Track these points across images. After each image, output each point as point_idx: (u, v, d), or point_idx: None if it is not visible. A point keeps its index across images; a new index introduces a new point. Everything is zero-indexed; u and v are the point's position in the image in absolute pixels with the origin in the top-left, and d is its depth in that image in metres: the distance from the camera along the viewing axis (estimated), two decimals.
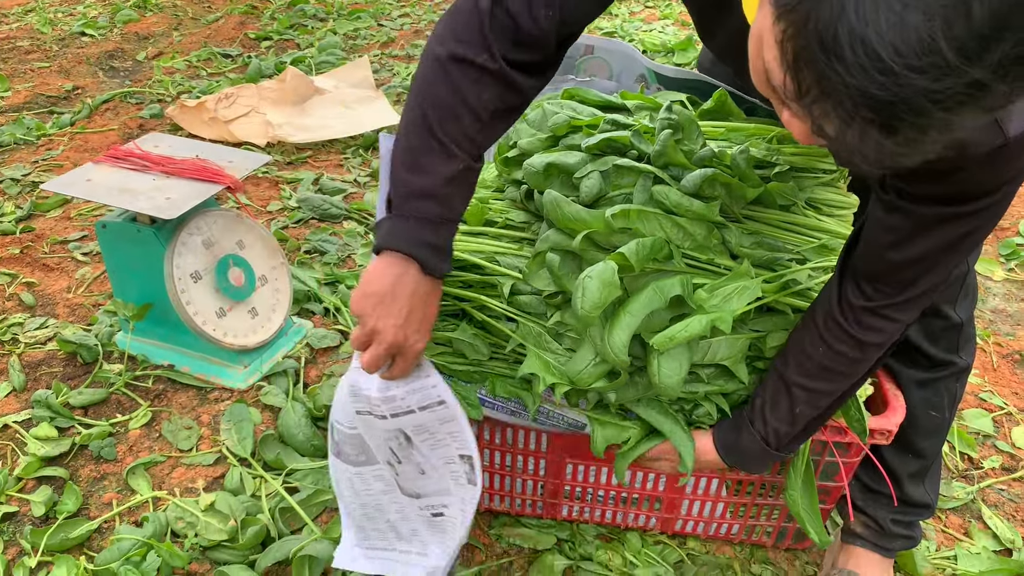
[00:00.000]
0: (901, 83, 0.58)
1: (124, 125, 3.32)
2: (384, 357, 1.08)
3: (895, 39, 0.57)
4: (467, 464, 1.22)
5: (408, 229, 1.03)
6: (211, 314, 1.94)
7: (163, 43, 4.34)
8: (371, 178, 3.00)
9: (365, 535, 1.37)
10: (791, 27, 0.63)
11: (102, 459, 1.77)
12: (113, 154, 1.97)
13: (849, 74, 0.60)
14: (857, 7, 0.58)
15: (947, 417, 1.39)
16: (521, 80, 1.03)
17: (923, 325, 1.32)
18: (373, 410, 1.19)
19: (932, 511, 1.49)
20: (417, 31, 4.56)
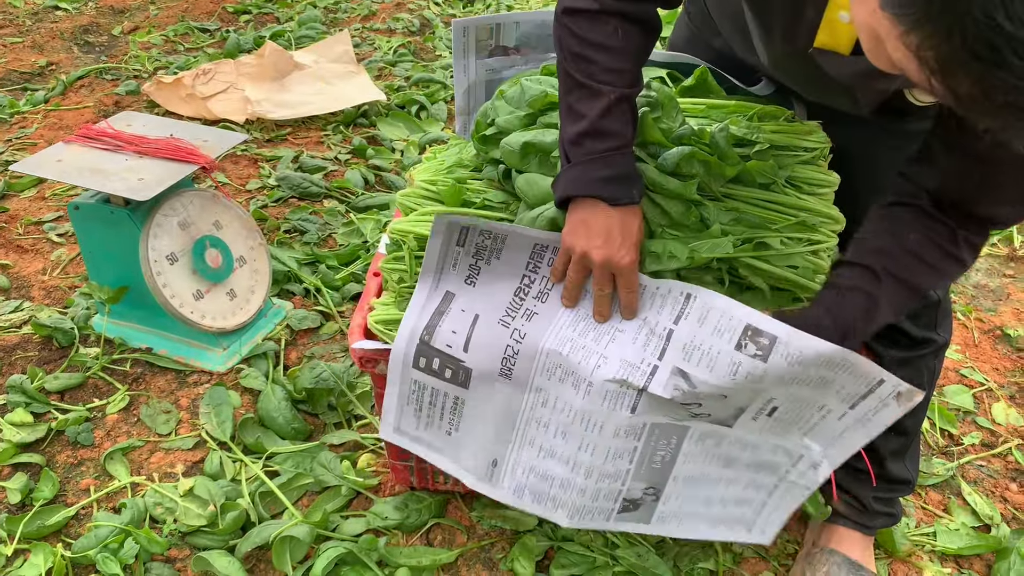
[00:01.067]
0: None
1: (100, 102, 3.26)
2: (603, 276, 1.11)
3: None
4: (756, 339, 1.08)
5: (579, 175, 1.10)
6: (188, 296, 1.91)
7: (139, 17, 4.25)
8: (352, 155, 2.96)
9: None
10: (929, 39, 0.59)
11: (79, 445, 1.75)
12: (85, 133, 1.93)
13: (1019, 78, 0.56)
14: (1008, 12, 0.53)
15: (927, 393, 1.40)
16: (633, 7, 1.08)
17: None
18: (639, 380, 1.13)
19: (913, 487, 1.50)
20: (399, 4, 4.48)
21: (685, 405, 1.13)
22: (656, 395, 1.12)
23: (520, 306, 1.21)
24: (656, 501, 1.26)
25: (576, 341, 1.17)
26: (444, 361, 1.24)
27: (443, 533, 1.59)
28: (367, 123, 3.20)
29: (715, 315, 1.09)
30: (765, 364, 1.06)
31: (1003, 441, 1.84)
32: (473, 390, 1.25)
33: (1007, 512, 1.68)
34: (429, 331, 1.24)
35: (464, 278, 1.24)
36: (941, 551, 1.58)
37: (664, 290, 1.14)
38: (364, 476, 1.67)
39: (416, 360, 1.26)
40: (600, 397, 1.15)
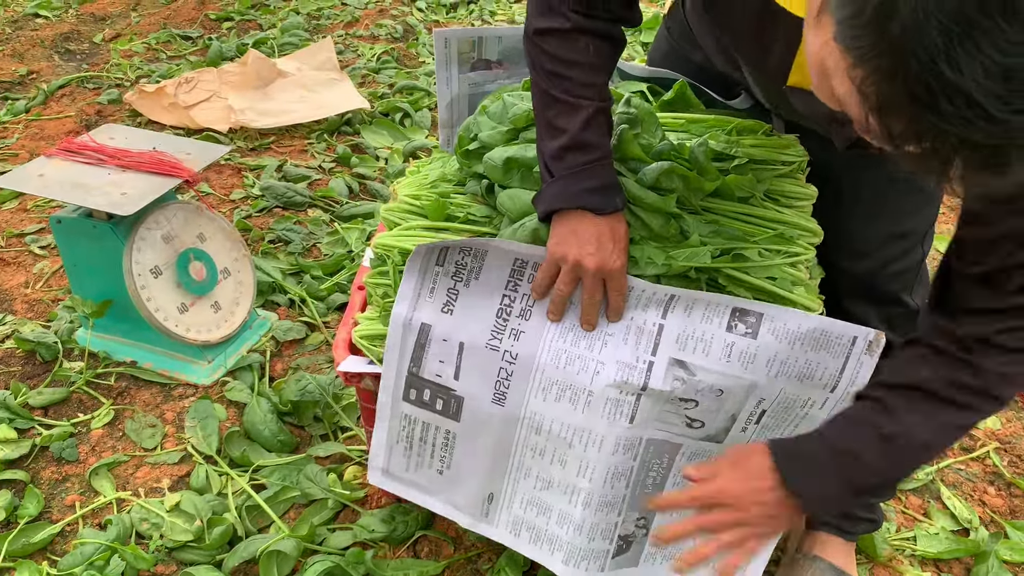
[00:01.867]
0: (1009, 128, 0.56)
1: (81, 111, 3.24)
2: (594, 284, 1.13)
3: (996, 87, 0.55)
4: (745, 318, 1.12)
5: (563, 188, 1.12)
6: (173, 309, 1.91)
7: (121, 25, 4.23)
8: (336, 163, 2.96)
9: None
10: (873, 75, 0.60)
11: (64, 460, 1.74)
12: (67, 147, 1.92)
13: (950, 125, 0.57)
14: (949, 59, 0.55)
15: None
16: (601, 26, 1.10)
17: (883, 313, 1.34)
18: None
19: (895, 492, 1.52)
20: (382, 10, 4.49)
21: (684, 402, 1.16)
22: (656, 392, 1.14)
23: (505, 326, 1.21)
24: (646, 536, 1.27)
25: (570, 352, 1.18)
26: (435, 392, 1.25)
27: (430, 545, 1.59)
28: (351, 131, 3.20)
29: (701, 305, 1.14)
30: (756, 341, 1.11)
31: (981, 445, 1.87)
32: (465, 423, 1.25)
33: (985, 515, 1.71)
34: (416, 362, 1.25)
35: (441, 306, 1.23)
36: (921, 555, 1.61)
37: (649, 292, 1.16)
38: (351, 488, 1.68)
39: (407, 392, 1.27)
40: (600, 407, 1.16)
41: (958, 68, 0.55)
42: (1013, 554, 1.60)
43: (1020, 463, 1.84)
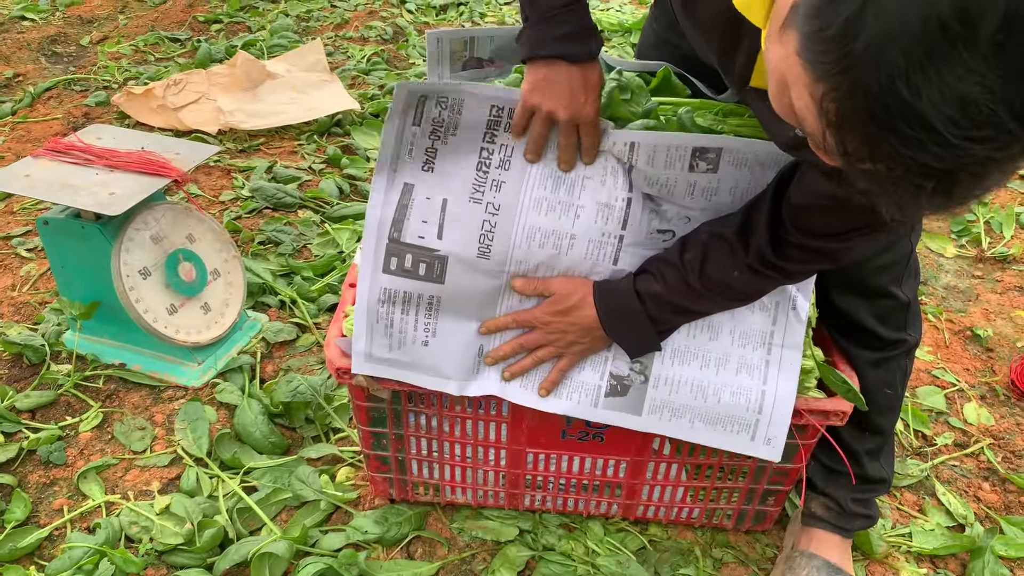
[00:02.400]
0: (960, 154, 0.57)
1: (69, 114, 3.21)
2: (568, 129, 1.17)
3: (952, 112, 0.55)
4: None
5: (538, 34, 1.14)
6: (162, 311, 1.89)
7: (108, 27, 4.20)
8: (326, 164, 2.94)
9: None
10: (834, 91, 0.61)
11: (51, 464, 1.72)
12: (53, 147, 1.90)
13: (904, 146, 0.58)
14: (908, 81, 0.55)
15: (900, 393, 1.44)
16: None
17: (873, 307, 1.34)
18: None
19: (889, 486, 1.52)
20: (372, 12, 4.47)
21: (661, 233, 1.25)
22: (635, 228, 1.22)
23: (486, 178, 1.22)
24: (645, 383, 1.29)
25: (551, 199, 1.21)
26: (417, 256, 1.24)
27: (424, 546, 1.58)
28: (341, 132, 3.18)
29: (662, 150, 1.17)
30: (716, 174, 1.18)
31: (975, 441, 1.87)
32: (449, 284, 1.25)
33: (980, 511, 1.71)
34: (397, 226, 1.23)
35: (421, 164, 1.23)
36: (917, 552, 1.60)
37: (609, 141, 1.19)
38: (343, 490, 1.66)
39: (387, 263, 1.25)
40: (583, 249, 1.22)
41: (917, 91, 0.55)
42: (1008, 549, 1.60)
43: (1014, 459, 1.84)
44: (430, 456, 1.51)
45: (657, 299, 1.22)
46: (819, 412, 1.32)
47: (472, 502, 1.61)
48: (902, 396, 1.45)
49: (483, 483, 1.56)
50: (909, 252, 1.32)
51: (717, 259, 1.18)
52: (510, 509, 1.62)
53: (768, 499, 1.53)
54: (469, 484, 1.57)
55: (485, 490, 1.58)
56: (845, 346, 1.40)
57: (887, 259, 1.31)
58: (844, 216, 1.05)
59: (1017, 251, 2.53)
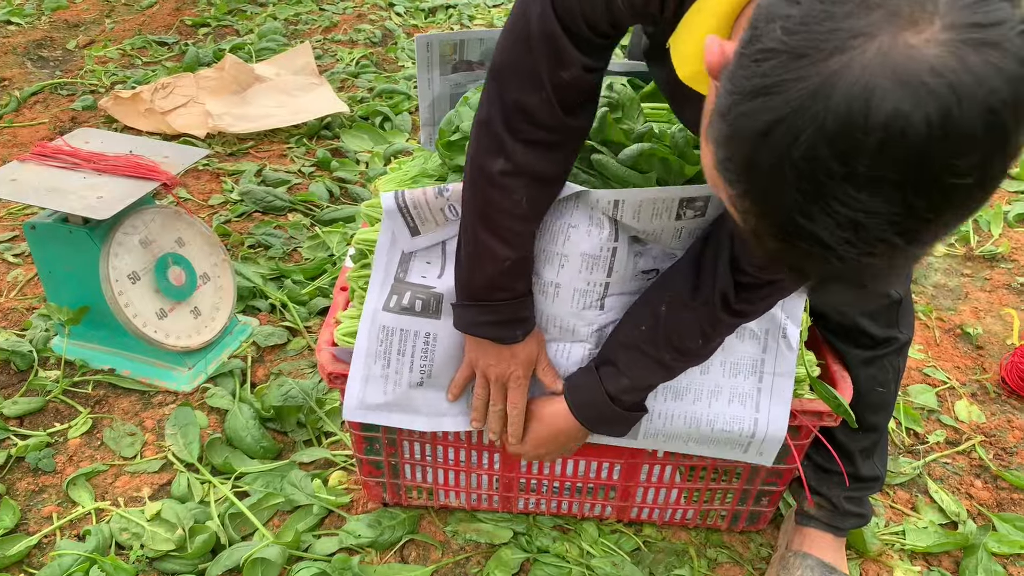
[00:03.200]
0: (857, 265, 0.64)
1: (55, 118, 3.19)
2: (496, 392, 1.28)
3: (847, 235, 0.62)
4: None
5: (471, 317, 1.22)
6: (151, 315, 1.88)
7: (94, 31, 4.17)
8: (316, 168, 2.93)
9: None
10: (745, 210, 0.68)
11: (40, 471, 1.70)
12: (40, 151, 1.89)
13: (808, 259, 0.66)
14: (804, 212, 0.62)
15: (893, 390, 1.44)
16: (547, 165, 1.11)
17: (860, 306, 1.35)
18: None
19: (882, 484, 1.52)
20: (360, 15, 4.46)
21: (646, 273, 1.26)
22: (620, 273, 1.23)
23: None
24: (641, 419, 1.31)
25: (537, 246, 1.23)
26: (415, 293, 1.28)
27: (417, 549, 1.57)
28: (331, 135, 3.17)
29: (648, 205, 1.16)
30: (704, 217, 1.18)
31: (966, 438, 1.88)
32: (445, 320, 1.27)
33: (972, 508, 1.71)
34: (404, 266, 1.30)
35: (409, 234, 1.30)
36: (910, 549, 1.61)
37: (594, 199, 1.17)
38: (336, 494, 1.65)
39: (388, 301, 1.28)
40: (569, 298, 1.24)
41: (811, 219, 0.62)
42: (1001, 546, 1.60)
43: (1005, 456, 1.85)
44: (423, 460, 1.50)
45: (631, 392, 1.25)
46: (812, 413, 1.32)
47: (466, 505, 1.61)
48: (895, 394, 1.45)
49: (476, 487, 1.55)
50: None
51: (683, 326, 1.19)
52: (504, 512, 1.62)
53: (762, 500, 1.53)
54: (462, 488, 1.56)
55: (478, 494, 1.57)
56: (838, 345, 1.40)
57: None
58: None
59: (1005, 249, 2.54)
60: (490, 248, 1.15)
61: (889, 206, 0.60)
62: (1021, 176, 2.89)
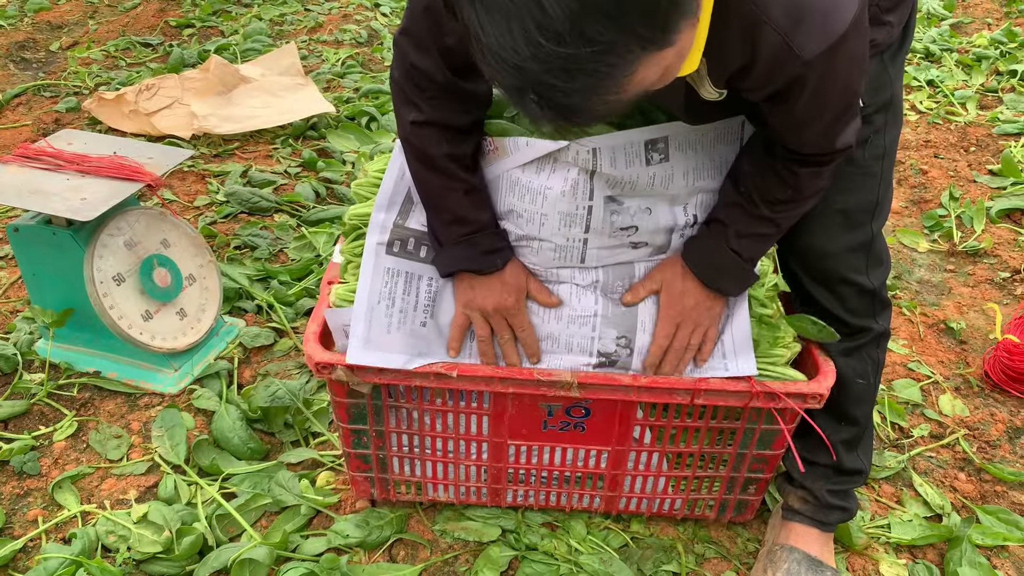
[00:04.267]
0: (525, 73, 0.76)
1: (39, 120, 3.17)
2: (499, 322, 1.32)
3: (510, 43, 0.74)
4: None
5: (452, 256, 1.31)
6: (137, 317, 1.87)
7: (78, 32, 4.15)
8: (301, 168, 2.92)
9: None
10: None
11: (25, 474, 1.69)
12: (23, 153, 1.87)
13: (495, 72, 0.79)
14: (480, 25, 0.76)
15: (873, 382, 1.46)
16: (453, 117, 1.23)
17: (837, 295, 1.38)
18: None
19: (866, 477, 1.53)
20: (346, 15, 4.46)
21: (624, 230, 1.31)
22: (597, 229, 1.28)
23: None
24: (631, 356, 1.34)
25: (517, 207, 1.29)
26: (419, 239, 1.35)
27: (406, 548, 1.57)
28: (316, 136, 3.16)
29: (621, 149, 1.23)
30: (669, 162, 1.26)
31: (950, 432, 1.90)
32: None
33: (956, 501, 1.73)
34: (403, 214, 1.35)
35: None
36: (896, 542, 1.62)
37: (574, 151, 1.22)
38: (323, 494, 1.65)
39: (390, 245, 1.34)
40: (551, 252, 1.31)
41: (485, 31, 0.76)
42: (985, 538, 1.62)
43: (988, 448, 1.87)
44: (411, 452, 1.50)
45: (744, 240, 1.28)
46: (797, 395, 1.33)
47: (454, 499, 1.61)
48: (876, 387, 1.47)
49: (465, 479, 1.56)
50: (871, 238, 1.34)
51: (768, 181, 1.22)
52: (492, 506, 1.62)
53: (749, 488, 1.54)
54: (451, 481, 1.56)
55: (467, 486, 1.57)
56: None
57: (850, 243, 1.34)
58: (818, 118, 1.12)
59: (988, 244, 2.56)
60: (438, 186, 1.27)
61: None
62: (1003, 172, 2.92)
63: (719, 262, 1.30)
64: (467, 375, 1.33)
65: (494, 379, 1.34)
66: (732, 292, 1.35)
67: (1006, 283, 2.44)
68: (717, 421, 1.41)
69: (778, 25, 0.95)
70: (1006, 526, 1.65)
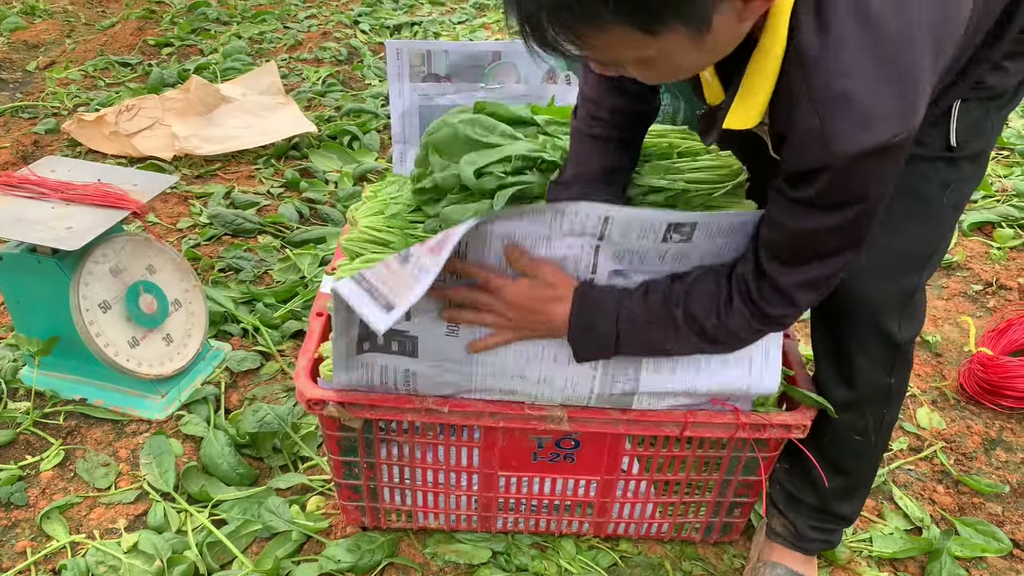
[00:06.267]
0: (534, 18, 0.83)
1: (17, 142, 3.15)
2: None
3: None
4: None
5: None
6: (123, 344, 1.87)
7: (55, 52, 4.13)
8: (285, 188, 2.93)
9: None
10: None
11: (12, 505, 1.68)
12: (6, 181, 1.87)
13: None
14: None
15: (874, 441, 1.38)
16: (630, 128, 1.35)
17: (859, 339, 1.27)
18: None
19: (851, 523, 1.51)
20: (325, 33, 4.47)
21: None
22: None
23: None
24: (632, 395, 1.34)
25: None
26: (389, 335, 1.26)
27: (397, 573, 1.58)
28: (299, 155, 3.17)
29: (636, 225, 1.16)
30: (690, 243, 1.19)
31: (928, 445, 1.94)
32: (422, 359, 1.29)
33: (936, 513, 1.77)
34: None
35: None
36: (877, 556, 1.65)
37: (583, 214, 1.15)
38: (314, 519, 1.65)
39: (360, 347, 1.27)
40: None
41: None
42: (964, 550, 1.65)
43: (965, 461, 1.91)
44: (402, 483, 1.52)
45: (633, 324, 1.19)
46: (780, 426, 1.36)
47: (445, 526, 1.62)
48: (879, 446, 1.39)
49: (455, 507, 1.57)
50: (915, 289, 1.24)
51: (703, 293, 1.17)
52: (483, 532, 1.64)
53: (734, 511, 1.57)
54: (442, 509, 1.57)
55: (457, 514, 1.59)
56: (826, 383, 1.36)
57: (893, 288, 1.23)
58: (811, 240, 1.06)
59: (960, 258, 2.62)
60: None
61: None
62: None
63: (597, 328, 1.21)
64: (458, 410, 1.34)
65: (484, 413, 1.35)
66: (580, 350, 1.24)
67: (979, 296, 2.50)
68: (704, 450, 1.43)
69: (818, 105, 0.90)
70: (984, 537, 1.69)
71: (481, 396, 1.35)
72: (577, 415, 1.35)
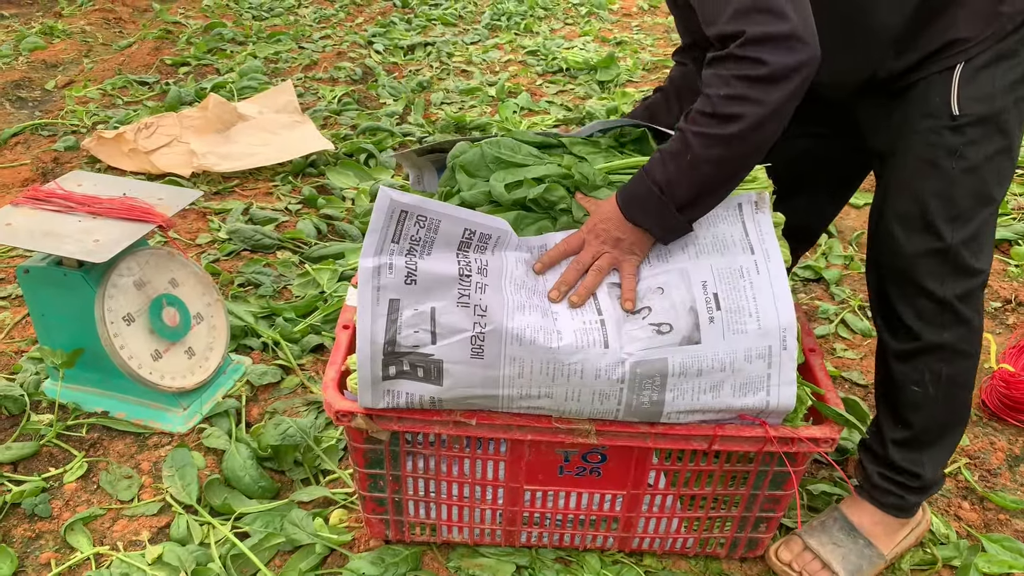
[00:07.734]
0: None
1: (37, 159, 3.18)
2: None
3: None
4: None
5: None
6: (146, 357, 1.88)
7: (73, 71, 4.18)
8: (303, 205, 2.95)
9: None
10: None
11: (36, 517, 1.68)
12: (33, 195, 1.89)
13: None
14: None
15: (932, 393, 1.44)
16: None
17: (907, 297, 1.40)
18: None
19: (925, 484, 1.54)
20: (339, 53, 4.52)
21: (637, 312, 1.31)
22: (609, 312, 1.31)
23: (469, 282, 1.26)
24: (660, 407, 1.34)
25: (526, 304, 1.29)
26: (414, 361, 1.27)
27: None
28: (316, 172, 3.20)
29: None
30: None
31: (952, 461, 1.93)
32: (447, 385, 1.28)
33: (961, 530, 1.75)
34: (391, 340, 1.25)
35: (404, 279, 1.25)
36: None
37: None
38: (337, 532, 1.65)
39: (385, 371, 1.27)
40: (572, 340, 1.27)
41: None
42: (991, 566, 1.64)
43: (990, 477, 1.90)
44: (427, 496, 1.51)
45: (662, 166, 1.27)
46: (809, 440, 1.36)
47: (469, 540, 1.62)
48: (941, 399, 1.45)
49: (480, 521, 1.57)
50: (948, 247, 1.34)
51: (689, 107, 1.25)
52: (507, 546, 1.63)
53: (760, 526, 1.56)
54: (466, 523, 1.57)
55: (482, 528, 1.58)
56: (881, 333, 1.48)
57: (923, 247, 1.35)
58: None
59: None
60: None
61: None
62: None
63: (635, 189, 1.31)
64: (485, 423, 1.34)
65: (512, 426, 1.35)
66: (647, 225, 1.32)
67: (998, 313, 2.49)
68: (731, 464, 1.43)
69: None
70: (1011, 554, 1.68)
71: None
72: (605, 428, 1.35)
